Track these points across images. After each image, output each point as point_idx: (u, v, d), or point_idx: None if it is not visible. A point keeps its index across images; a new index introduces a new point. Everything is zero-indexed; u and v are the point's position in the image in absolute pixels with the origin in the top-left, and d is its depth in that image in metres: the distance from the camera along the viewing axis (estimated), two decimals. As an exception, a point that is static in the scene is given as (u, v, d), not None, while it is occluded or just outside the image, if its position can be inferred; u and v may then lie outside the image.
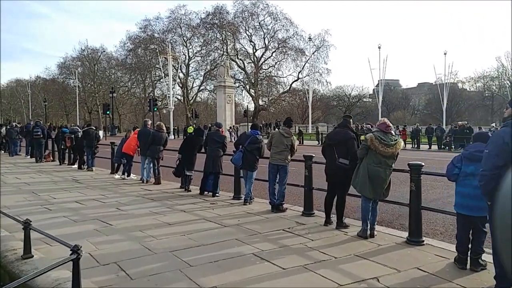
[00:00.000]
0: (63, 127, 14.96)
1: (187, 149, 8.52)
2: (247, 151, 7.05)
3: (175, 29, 61.97)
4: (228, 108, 44.00)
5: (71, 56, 71.00)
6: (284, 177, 6.58)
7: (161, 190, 8.69)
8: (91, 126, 12.74)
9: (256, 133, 7.20)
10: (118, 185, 9.55)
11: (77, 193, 8.33)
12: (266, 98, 64.57)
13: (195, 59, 64.33)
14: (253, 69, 63.39)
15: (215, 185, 7.94)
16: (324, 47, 60.00)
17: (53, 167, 13.68)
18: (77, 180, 10.34)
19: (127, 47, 64.17)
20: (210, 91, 65.25)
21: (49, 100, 70.60)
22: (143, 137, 9.85)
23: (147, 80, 66.40)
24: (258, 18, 62.14)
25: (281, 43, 61.51)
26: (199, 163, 8.60)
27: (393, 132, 5.32)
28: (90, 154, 12.44)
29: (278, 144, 6.54)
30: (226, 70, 43.70)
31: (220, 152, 7.97)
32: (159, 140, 9.65)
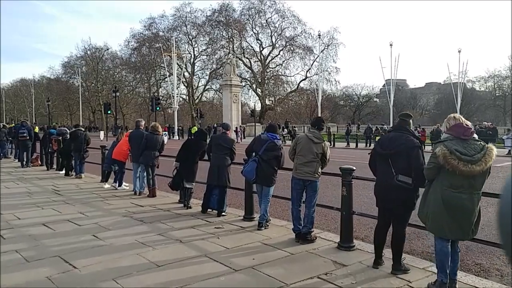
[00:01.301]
0: (51, 127, 13.41)
1: (186, 156, 6.90)
2: (262, 161, 5.43)
3: (180, 27, 60.65)
4: (234, 107, 42.42)
5: (76, 55, 70.26)
6: (313, 197, 4.94)
7: (155, 206, 7.09)
8: (79, 127, 11.18)
9: (274, 137, 5.57)
10: (106, 197, 7.97)
11: (50, 210, 6.75)
12: (273, 98, 62.95)
13: (200, 58, 63.02)
14: (260, 68, 61.83)
15: (221, 202, 6.32)
16: (333, 45, 58.28)
17: (38, 173, 12.16)
18: (58, 191, 8.77)
19: (131, 46, 62.99)
20: (216, 91, 63.88)
21: (53, 99, 69.72)
22: (135, 140, 8.27)
23: (152, 79, 65.12)
24: (265, 16, 60.61)
25: (289, 41, 59.85)
26: (202, 172, 7.01)
27: (476, 136, 3.64)
28: (79, 159, 10.89)
29: (305, 153, 4.90)
30: (232, 68, 42.10)
31: (227, 160, 6.36)
32: (154, 144, 8.05)
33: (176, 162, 6.99)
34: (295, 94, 62.92)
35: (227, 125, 6.96)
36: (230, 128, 6.77)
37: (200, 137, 7.10)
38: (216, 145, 6.42)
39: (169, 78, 52.33)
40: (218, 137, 6.71)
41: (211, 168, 6.39)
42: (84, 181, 10.38)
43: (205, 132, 7.31)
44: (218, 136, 6.81)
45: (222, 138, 6.55)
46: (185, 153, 6.93)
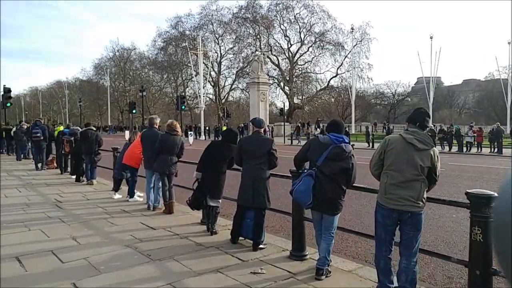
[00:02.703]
0: (66, 127, 12.15)
1: (210, 165, 5.21)
2: (323, 176, 3.63)
3: (207, 25, 59.67)
4: (261, 106, 40.69)
5: (106, 57, 70.99)
6: (414, 238, 3.07)
7: (170, 229, 5.43)
8: (90, 127, 9.74)
9: (341, 140, 3.74)
10: (112, 213, 6.41)
11: (38, 232, 5.23)
12: (301, 96, 60.80)
13: (227, 57, 61.82)
14: (288, 66, 59.85)
15: (257, 230, 4.56)
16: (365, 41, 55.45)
17: (50, 177, 10.89)
18: (59, 203, 7.32)
19: (158, 45, 62.59)
20: (242, 90, 62.55)
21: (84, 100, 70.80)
22: (148, 142, 6.67)
23: (179, 79, 64.55)
24: (294, 11, 58.55)
25: (318, 37, 57.52)
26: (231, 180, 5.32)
27: None
28: (90, 162, 9.47)
29: (401, 166, 3.04)
30: (260, 66, 40.40)
31: (264, 172, 4.60)
32: (171, 146, 6.42)
33: (197, 173, 5.30)
34: (325, 92, 60.53)
35: (260, 121, 4.99)
36: (264, 125, 4.96)
37: (228, 139, 5.36)
38: (248, 151, 4.66)
39: (195, 77, 51.39)
40: (249, 140, 4.90)
41: (243, 183, 4.65)
42: (94, 189, 8.94)
43: (234, 132, 5.55)
44: (249, 138, 5.00)
45: (255, 140, 4.75)
46: (208, 160, 5.24)
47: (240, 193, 4.66)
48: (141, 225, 5.66)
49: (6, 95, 20.62)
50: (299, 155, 3.99)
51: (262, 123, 4.89)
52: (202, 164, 5.29)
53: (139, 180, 7.74)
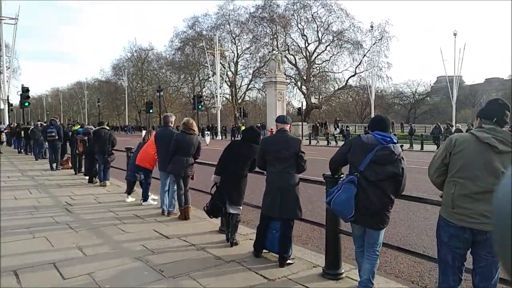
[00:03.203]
0: (80, 126, 11.83)
1: (230, 167, 4.65)
2: (367, 184, 3.03)
3: (224, 25, 59.41)
4: (279, 106, 39.99)
5: (124, 57, 71.71)
6: (495, 266, 2.40)
7: (185, 238, 4.90)
8: (103, 126, 9.36)
9: (389, 140, 3.12)
10: (123, 219, 5.93)
11: (42, 240, 4.78)
12: (318, 96, 59.82)
13: (243, 57, 61.45)
14: (305, 65, 59.00)
15: (284, 244, 3.97)
16: (384, 39, 54.08)
17: (63, 178, 10.57)
18: (70, 206, 6.90)
19: (175, 46, 62.67)
20: (259, 89, 62.01)
21: (103, 100, 71.73)
22: (162, 142, 6.17)
23: (196, 79, 64.52)
24: (311, 10, 57.71)
25: (336, 35, 56.46)
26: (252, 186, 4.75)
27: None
28: (103, 163, 9.08)
29: (476, 172, 2.40)
30: (277, 65, 39.73)
31: (293, 177, 4.00)
32: (187, 147, 5.90)
33: (216, 176, 4.75)
34: (343, 92, 59.42)
35: (284, 117, 4.33)
36: (290, 122, 4.35)
37: (249, 138, 4.78)
38: (272, 152, 4.07)
39: (212, 77, 51.15)
40: (273, 140, 4.24)
41: (268, 191, 4.07)
42: (107, 191, 8.53)
43: (255, 131, 4.96)
44: (273, 138, 4.35)
45: (280, 140, 4.11)
46: (228, 162, 4.68)
47: (265, 201, 4.08)
48: (154, 233, 5.15)
49: (24, 94, 20.65)
50: (337, 158, 3.39)
51: (287, 120, 4.28)
52: (221, 167, 4.73)
53: (153, 182, 7.28)
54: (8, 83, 30.41)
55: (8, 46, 34.86)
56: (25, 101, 20.71)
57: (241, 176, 4.69)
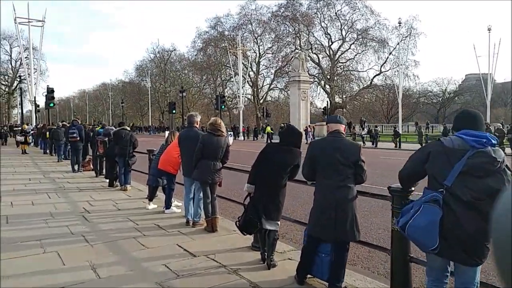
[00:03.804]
0: (101, 127, 11.42)
1: (267, 175, 3.94)
2: (457, 203, 2.25)
3: (246, 25, 58.93)
4: (302, 105, 39.17)
5: (147, 58, 72.50)
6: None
7: (214, 257, 4.23)
8: (124, 126, 8.85)
9: (484, 140, 2.33)
10: (144, 230, 5.33)
11: (53, 256, 4.22)
12: (342, 95, 58.42)
13: (265, 56, 60.78)
14: (329, 64, 57.73)
15: (337, 271, 3.22)
16: (411, 36, 52.08)
17: (84, 181, 10.16)
18: (87, 213, 6.38)
19: (198, 46, 62.66)
20: (281, 89, 61.28)
21: (126, 101, 72.75)
22: (187, 144, 5.53)
23: (218, 79, 64.33)
24: (335, 8, 56.46)
25: (361, 33, 54.94)
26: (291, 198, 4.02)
27: None
28: (124, 166, 8.57)
29: None
30: (301, 63, 38.87)
31: (351, 191, 3.25)
32: (215, 150, 5.23)
33: (249, 185, 4.05)
34: (367, 91, 57.82)
35: (337, 118, 3.55)
36: (345, 122, 3.58)
37: (289, 141, 4.06)
38: (326, 159, 3.32)
39: (234, 78, 50.73)
40: (327, 144, 3.38)
41: (320, 207, 3.32)
42: (127, 196, 8.00)
43: (297, 133, 4.22)
44: (325, 143, 3.44)
45: (335, 145, 3.32)
46: (264, 169, 3.97)
47: (315, 220, 3.34)
48: (178, 249, 4.51)
49: (49, 95, 20.67)
50: (410, 170, 2.61)
51: (341, 119, 3.53)
52: (255, 174, 4.03)
53: (177, 188, 6.67)
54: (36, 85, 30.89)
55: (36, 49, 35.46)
56: (50, 102, 20.76)
57: (279, 186, 3.98)
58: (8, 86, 60.78)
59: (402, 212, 2.58)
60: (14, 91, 57.12)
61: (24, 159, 16.51)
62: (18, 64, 56.05)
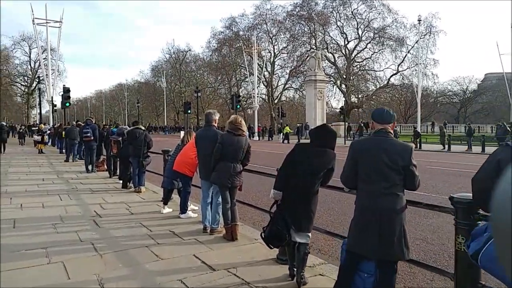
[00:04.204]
0: (115, 126, 11.12)
1: (297, 180, 3.44)
2: None
3: (260, 25, 58.44)
4: (318, 105, 38.50)
5: (162, 59, 72.83)
6: None
7: (235, 272, 3.76)
8: (138, 125, 8.49)
9: None
10: (158, 238, 4.91)
11: (58, 267, 3.82)
12: (359, 95, 57.34)
13: (280, 56, 60.15)
14: (345, 63, 56.77)
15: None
16: (431, 34, 50.68)
17: (97, 181, 9.86)
18: (98, 217, 6.01)
19: (212, 47, 62.49)
20: (296, 89, 60.61)
21: (142, 101, 73.24)
22: (205, 144, 5.07)
23: (233, 79, 64.06)
24: (351, 7, 55.43)
25: (378, 32, 53.81)
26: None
27: None
28: (138, 167, 8.20)
29: None
30: (317, 63, 38.23)
31: (400, 201, 2.70)
32: (235, 151, 4.77)
33: (276, 192, 3.56)
34: (384, 90, 56.60)
35: (384, 113, 2.95)
36: (394, 120, 3.04)
37: (322, 142, 3.55)
38: (371, 163, 2.78)
39: (249, 77, 50.35)
40: (371, 145, 2.86)
41: (361, 219, 2.80)
42: (141, 198, 7.63)
43: (331, 132, 3.72)
44: (370, 143, 2.90)
45: (383, 147, 2.76)
46: (293, 174, 3.48)
47: (355, 233, 2.83)
48: (195, 261, 4.06)
49: (65, 95, 20.62)
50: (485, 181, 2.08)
51: (390, 116, 3.00)
52: (284, 179, 3.55)
53: (193, 191, 6.24)
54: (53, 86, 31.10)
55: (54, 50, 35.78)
56: (66, 102, 20.72)
57: (311, 193, 3.49)
58: (27, 86, 61.87)
59: (473, 235, 2.06)
60: (33, 91, 58.10)
61: (40, 158, 16.42)
62: (37, 65, 57.02)
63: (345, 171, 3.00)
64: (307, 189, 3.47)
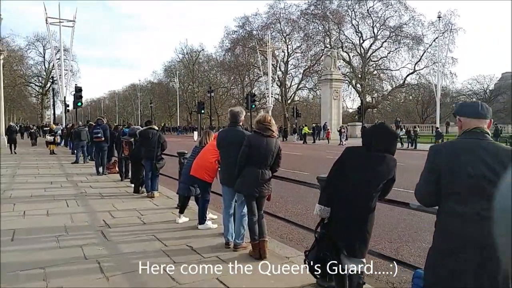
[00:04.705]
0: (127, 126, 10.52)
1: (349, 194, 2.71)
2: None
3: (274, 24, 57.54)
4: (334, 104, 37.63)
5: (175, 59, 72.75)
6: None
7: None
8: (151, 125, 7.85)
9: None
10: (174, 255, 4.23)
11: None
12: (375, 94, 56.06)
13: (294, 56, 59.18)
14: (360, 62, 55.58)
15: None
16: (449, 32, 49.12)
17: (108, 185, 9.28)
18: (107, 228, 5.37)
19: (226, 47, 61.95)
20: (310, 89, 59.60)
21: (155, 102, 73.23)
22: (228, 147, 4.38)
23: (246, 79, 63.42)
24: (366, 5, 54.26)
25: (394, 31, 52.47)
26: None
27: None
28: (151, 170, 7.56)
29: None
30: (333, 61, 37.34)
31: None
32: (264, 154, 4.06)
33: (322, 207, 2.83)
34: (399, 90, 55.24)
35: (477, 108, 2.17)
36: (490, 116, 2.28)
37: (379, 145, 2.81)
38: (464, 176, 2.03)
39: (263, 77, 49.65)
40: (462, 149, 2.08)
41: (450, 249, 2.05)
42: (154, 205, 6.98)
43: (392, 133, 2.99)
44: (461, 146, 2.11)
45: (479, 153, 2.02)
46: (346, 185, 2.74)
47: (438, 265, 2.08)
48: (218, 285, 3.37)
49: (77, 94, 20.24)
50: None
51: (485, 112, 2.23)
52: (333, 192, 2.82)
53: (212, 198, 5.55)
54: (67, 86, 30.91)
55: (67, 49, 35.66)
56: (78, 101, 20.36)
57: (367, 210, 2.75)
58: (41, 87, 62.33)
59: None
60: (47, 92, 58.44)
61: (50, 160, 16.02)
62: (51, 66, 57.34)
63: (422, 185, 2.26)
64: (362, 204, 2.74)
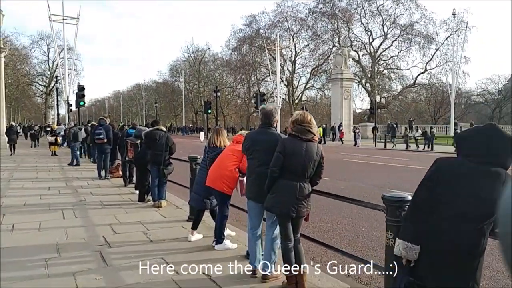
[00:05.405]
0: (132, 126, 9.67)
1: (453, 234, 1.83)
2: None
3: (281, 23, 56.61)
4: (345, 104, 36.56)
5: (181, 58, 72.05)
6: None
7: None
8: (158, 126, 6.98)
9: None
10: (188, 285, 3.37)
11: None
12: (385, 94, 54.91)
13: (302, 55, 58.19)
14: (369, 61, 54.47)
15: None
16: (461, 30, 47.85)
17: (111, 191, 8.45)
18: (107, 247, 4.52)
19: (232, 46, 61.10)
20: (318, 89, 58.58)
21: (160, 102, 72.55)
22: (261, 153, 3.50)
23: (252, 78, 62.55)
24: (376, 3, 53.05)
25: (404, 29, 51.31)
26: None
27: None
28: (157, 176, 6.71)
29: None
30: (343, 60, 36.29)
31: None
32: (303, 162, 3.18)
33: (408, 245, 1.94)
34: (410, 90, 54.04)
35: None
36: None
37: (488, 155, 1.94)
38: None
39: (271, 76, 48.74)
40: None
41: None
42: (162, 216, 6.12)
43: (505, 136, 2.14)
44: None
45: None
46: (444, 215, 1.86)
47: None
48: None
49: (79, 93, 19.49)
50: None
51: None
52: (424, 224, 1.94)
53: (232, 213, 4.67)
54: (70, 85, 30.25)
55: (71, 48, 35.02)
56: (81, 100, 19.62)
57: (476, 251, 1.87)
58: (45, 86, 61.86)
59: None
60: (51, 91, 57.92)
61: (51, 162, 15.24)
62: (55, 64, 56.83)
63: None
64: (467, 242, 1.87)
